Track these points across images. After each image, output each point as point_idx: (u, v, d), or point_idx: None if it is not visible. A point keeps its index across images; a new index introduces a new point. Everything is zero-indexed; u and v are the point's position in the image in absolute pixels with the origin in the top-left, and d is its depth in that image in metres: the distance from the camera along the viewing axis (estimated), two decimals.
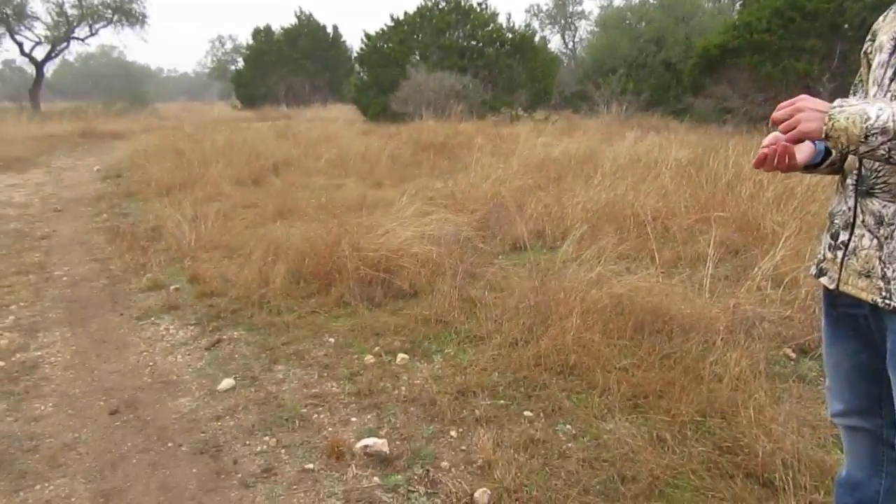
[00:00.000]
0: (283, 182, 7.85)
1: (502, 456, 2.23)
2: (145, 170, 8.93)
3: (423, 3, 20.25)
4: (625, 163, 7.30)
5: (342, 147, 10.39)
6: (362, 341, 3.30)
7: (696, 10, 24.73)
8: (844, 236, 1.35)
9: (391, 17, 20.40)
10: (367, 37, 20.62)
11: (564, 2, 35.86)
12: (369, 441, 2.33)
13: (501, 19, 20.73)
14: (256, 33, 31.34)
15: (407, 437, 2.43)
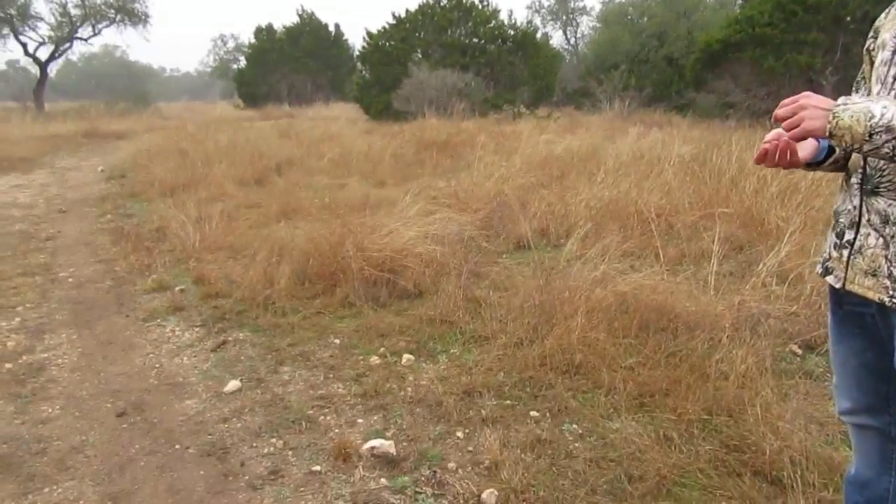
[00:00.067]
0: (286, 182, 7.85)
1: (509, 456, 2.23)
2: (149, 170, 8.94)
3: (425, 1, 20.21)
4: (628, 159, 7.28)
5: (345, 146, 10.38)
6: (367, 342, 3.30)
7: (697, 4, 24.61)
8: (850, 235, 1.35)
9: (393, 15, 20.38)
10: (368, 35, 20.59)
11: None
12: (376, 442, 2.34)
13: (503, 16, 20.76)
14: (258, 32, 31.30)
15: (413, 439, 2.43)
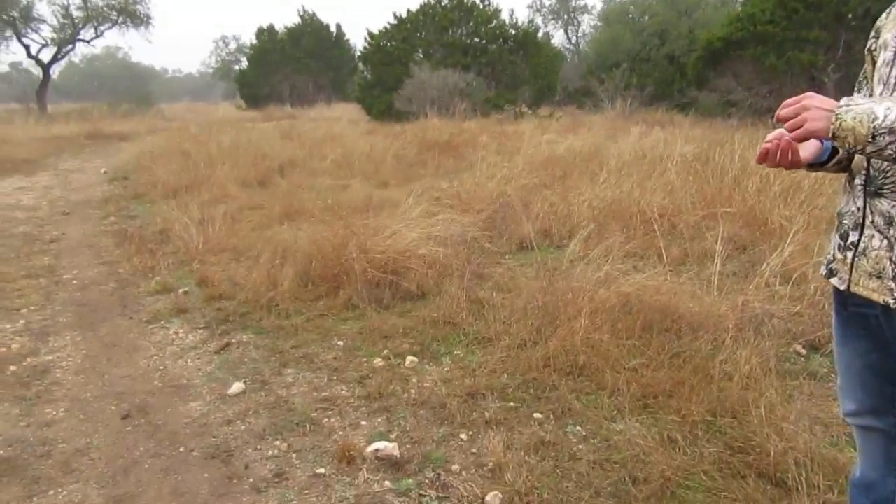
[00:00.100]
0: (288, 183, 7.85)
1: (513, 458, 2.23)
2: (152, 171, 8.95)
3: (426, 1, 20.21)
4: (630, 159, 7.26)
5: (347, 147, 10.39)
6: (371, 344, 3.30)
7: (699, 2, 24.60)
8: (854, 237, 1.34)
9: (394, 15, 20.38)
10: (370, 35, 20.59)
11: None
12: (380, 445, 2.34)
13: (504, 16, 20.72)
14: (260, 33, 31.32)
15: (417, 441, 2.43)
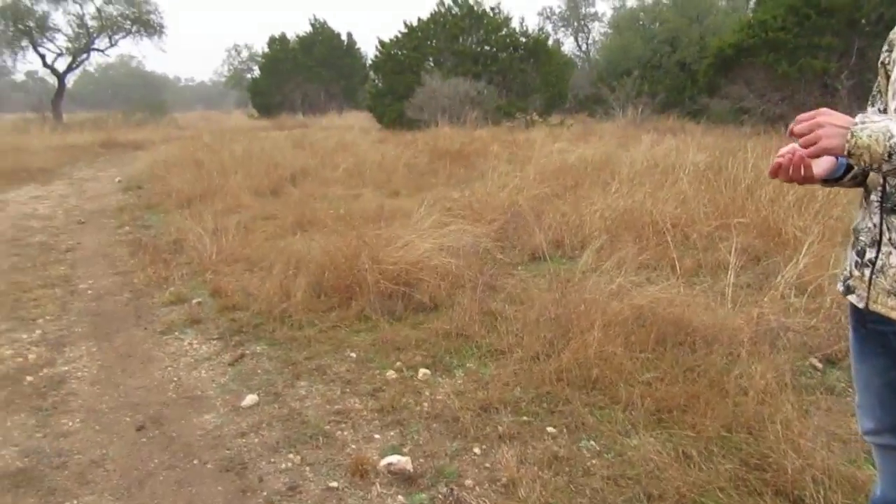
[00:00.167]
0: (301, 193, 7.88)
1: (526, 473, 2.22)
2: (166, 181, 9.04)
3: (437, 10, 20.32)
4: (642, 168, 7.25)
5: (359, 156, 10.43)
6: (384, 356, 3.31)
7: (709, 9, 24.52)
8: (871, 254, 1.33)
9: (405, 23, 20.49)
10: (381, 44, 20.71)
11: (577, 4, 35.72)
12: (393, 459, 2.34)
13: (514, 23, 20.73)
14: (272, 42, 31.59)
15: (430, 455, 2.43)
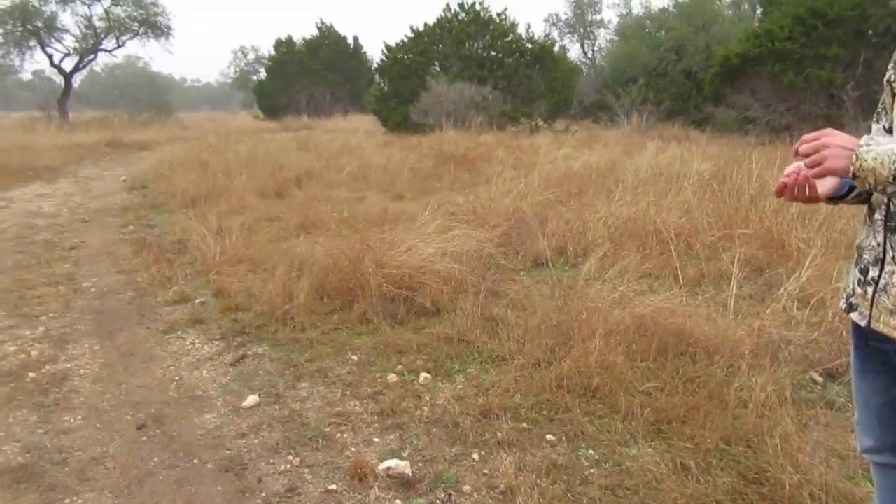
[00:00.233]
0: (305, 194, 7.91)
1: (525, 481, 2.23)
2: (170, 181, 9.07)
3: (443, 15, 20.38)
4: (646, 176, 7.25)
5: (363, 159, 10.45)
6: (385, 359, 3.31)
7: (716, 18, 24.55)
8: (874, 272, 1.34)
9: (411, 28, 20.56)
10: (387, 48, 20.78)
11: (583, 11, 35.78)
12: (392, 463, 2.34)
13: (521, 29, 20.80)
14: (278, 45, 31.72)
15: (429, 459, 2.43)
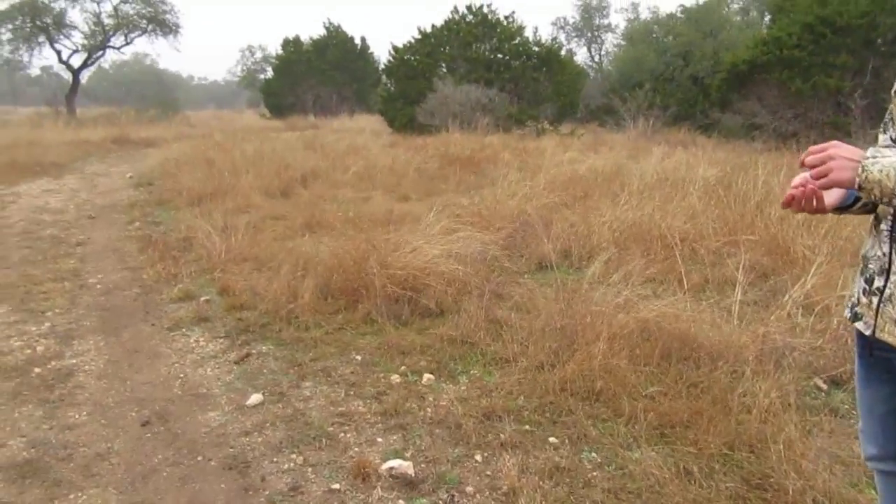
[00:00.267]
0: (311, 194, 7.92)
1: (527, 483, 2.23)
2: (177, 178, 9.09)
3: (451, 17, 20.39)
4: (652, 181, 7.24)
5: (369, 159, 10.47)
6: (389, 360, 3.32)
7: (724, 24, 24.50)
8: (879, 282, 1.34)
9: (419, 29, 20.57)
10: (394, 49, 20.79)
11: (591, 15, 35.78)
12: (395, 463, 2.35)
13: (528, 32, 20.78)
14: (286, 44, 31.76)
15: (432, 460, 2.44)
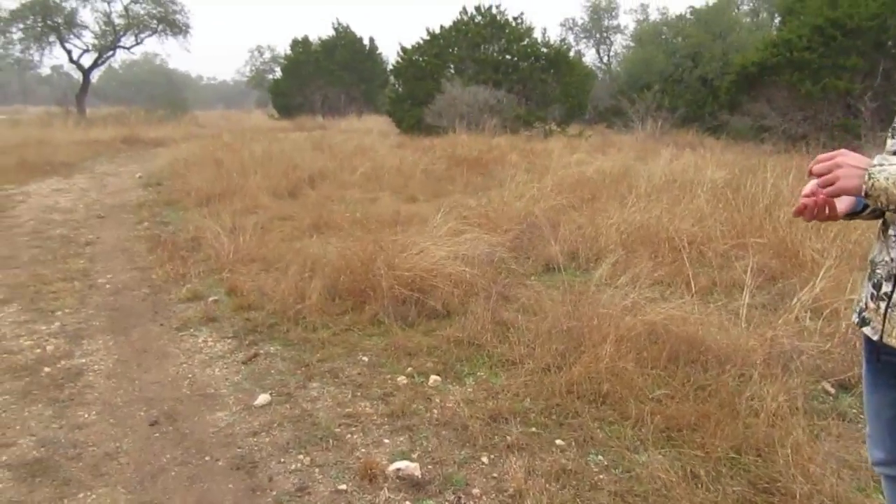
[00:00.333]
0: (318, 195, 7.95)
1: (534, 485, 2.23)
2: (185, 179, 9.15)
3: (459, 18, 20.40)
4: (660, 183, 7.22)
5: (377, 160, 10.49)
6: (395, 361, 3.33)
7: (733, 25, 24.37)
8: (887, 287, 1.34)
9: (427, 30, 20.59)
10: (403, 50, 20.82)
11: (600, 16, 35.70)
12: (402, 464, 2.36)
13: (536, 34, 20.74)
14: (294, 44, 31.85)
15: (439, 462, 2.45)
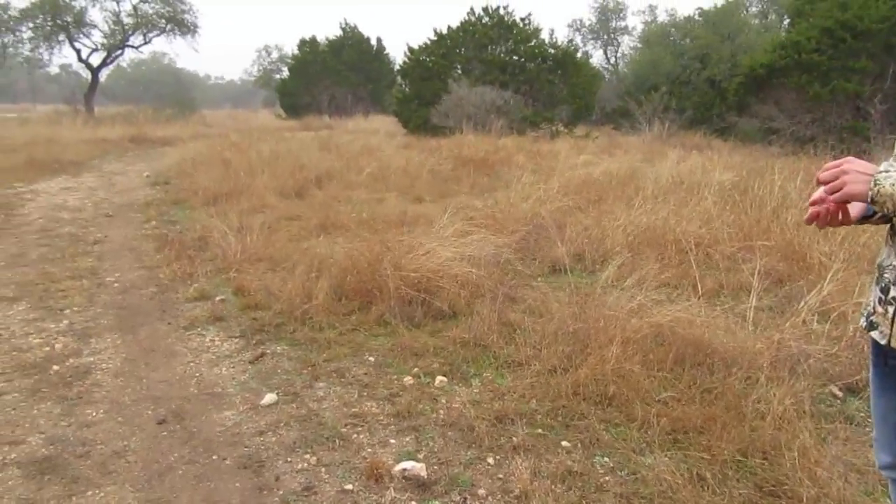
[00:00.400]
0: (325, 195, 7.97)
1: (539, 487, 2.24)
2: (193, 178, 9.19)
3: (467, 18, 20.41)
4: (667, 185, 7.21)
5: (383, 161, 10.51)
6: (402, 361, 3.34)
7: (742, 27, 24.26)
8: (895, 292, 1.34)
9: (434, 31, 20.60)
10: (410, 50, 20.85)
11: (607, 17, 35.62)
12: (408, 465, 2.37)
13: (544, 35, 20.72)
14: (302, 44, 31.96)
15: (445, 462, 2.45)
